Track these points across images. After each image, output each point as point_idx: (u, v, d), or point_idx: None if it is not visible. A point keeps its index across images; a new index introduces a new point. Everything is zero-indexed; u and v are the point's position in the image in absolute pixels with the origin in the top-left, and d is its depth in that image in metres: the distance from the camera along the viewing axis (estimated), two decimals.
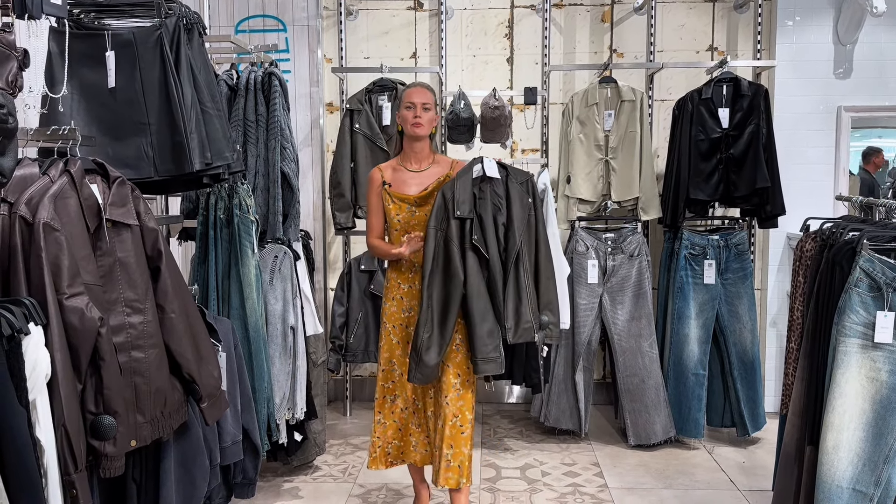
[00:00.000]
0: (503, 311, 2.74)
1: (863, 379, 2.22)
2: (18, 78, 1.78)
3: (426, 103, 2.89)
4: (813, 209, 3.32)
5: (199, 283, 3.11)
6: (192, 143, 2.49)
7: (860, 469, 2.22)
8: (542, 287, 2.82)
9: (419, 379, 2.76)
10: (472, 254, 2.74)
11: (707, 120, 4.03)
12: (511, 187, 2.79)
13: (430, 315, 2.74)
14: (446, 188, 2.77)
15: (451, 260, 2.73)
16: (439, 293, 2.75)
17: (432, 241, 2.75)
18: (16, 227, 1.78)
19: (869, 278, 2.20)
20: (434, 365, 2.74)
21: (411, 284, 2.93)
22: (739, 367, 4.06)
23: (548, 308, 2.82)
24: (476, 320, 2.73)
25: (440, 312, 2.75)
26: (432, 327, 2.74)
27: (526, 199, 2.79)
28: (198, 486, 2.29)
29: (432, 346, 2.73)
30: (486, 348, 2.74)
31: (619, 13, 4.73)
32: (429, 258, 2.76)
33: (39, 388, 1.70)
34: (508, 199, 2.78)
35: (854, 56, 4.42)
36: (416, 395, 2.98)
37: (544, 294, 2.82)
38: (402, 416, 3.00)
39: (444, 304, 2.75)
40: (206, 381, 2.20)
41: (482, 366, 2.75)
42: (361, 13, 4.79)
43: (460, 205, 2.73)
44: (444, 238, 2.75)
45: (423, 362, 2.72)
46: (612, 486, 3.57)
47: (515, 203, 2.77)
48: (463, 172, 2.81)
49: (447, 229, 2.74)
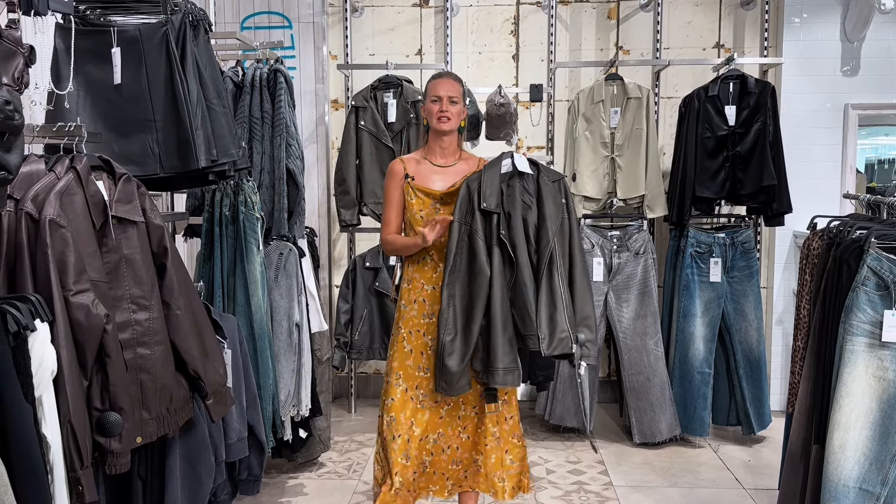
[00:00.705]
0: (535, 319, 2.47)
1: (870, 378, 2.21)
2: (25, 74, 1.78)
3: (453, 96, 2.64)
4: (819, 207, 3.32)
5: (204, 279, 3.11)
6: (198, 140, 2.49)
7: (867, 468, 2.21)
8: (579, 300, 2.55)
9: (443, 388, 2.51)
10: (499, 251, 2.51)
11: (713, 117, 4.02)
12: (543, 185, 2.56)
13: (451, 315, 2.52)
14: (471, 180, 2.57)
15: (477, 255, 2.51)
16: (463, 292, 2.53)
17: (455, 235, 2.54)
18: (22, 224, 1.78)
19: (876, 277, 2.19)
20: (457, 372, 2.49)
21: (436, 286, 2.63)
22: (745, 365, 4.05)
23: (585, 324, 2.54)
24: (498, 326, 2.48)
25: (464, 313, 2.52)
26: (455, 330, 2.51)
27: (559, 198, 2.56)
28: (203, 483, 2.29)
29: (455, 351, 2.49)
30: (507, 358, 2.49)
31: (625, 10, 4.72)
32: (451, 253, 2.54)
33: (45, 384, 1.70)
34: (540, 197, 2.55)
35: (861, 53, 4.40)
36: (413, 422, 2.64)
37: (581, 308, 2.55)
38: (395, 443, 2.61)
39: (469, 303, 2.52)
40: (212, 377, 2.20)
41: (502, 377, 2.49)
42: (367, 10, 4.78)
43: (487, 197, 2.51)
44: (469, 232, 2.53)
45: (446, 368, 2.49)
46: (616, 484, 3.57)
47: (548, 201, 2.54)
48: (490, 166, 2.59)
49: (472, 222, 2.53)
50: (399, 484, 2.57)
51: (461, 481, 2.70)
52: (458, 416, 2.66)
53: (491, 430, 2.66)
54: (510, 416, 2.71)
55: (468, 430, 2.66)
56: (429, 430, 2.65)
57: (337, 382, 4.82)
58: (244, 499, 3.28)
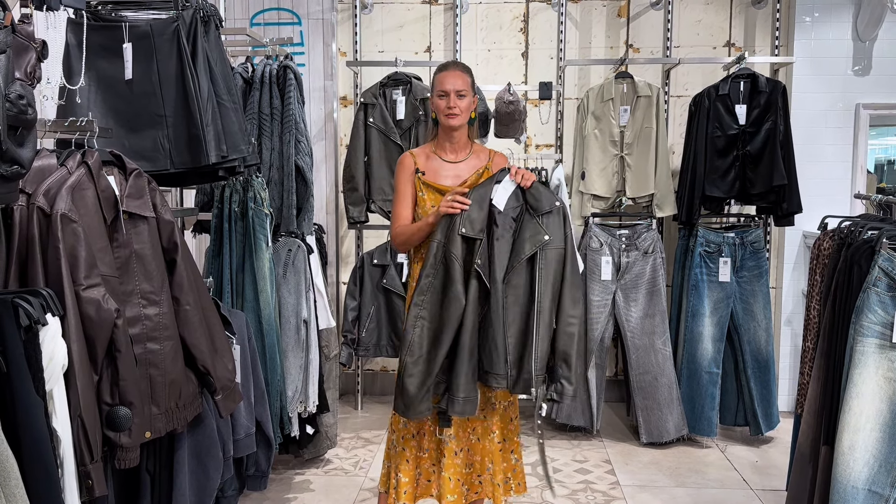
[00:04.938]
0: (504, 357, 2.37)
1: (880, 379, 2.19)
2: (37, 69, 1.79)
3: (461, 90, 2.54)
4: (830, 207, 3.30)
5: (213, 275, 3.12)
6: (208, 136, 2.50)
7: (876, 470, 2.20)
8: (562, 337, 2.40)
9: (401, 409, 2.43)
10: (475, 281, 2.36)
11: (724, 116, 4.00)
12: (525, 219, 2.39)
13: (417, 337, 2.39)
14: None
15: (454, 282, 2.36)
16: (433, 315, 2.39)
17: (432, 255, 2.41)
18: (34, 218, 1.79)
19: (888, 277, 2.17)
20: (415, 395, 2.39)
21: None
22: (753, 365, 4.03)
23: (564, 360, 2.40)
24: (465, 355, 2.36)
25: (431, 337, 2.39)
26: (420, 353, 2.39)
27: (541, 233, 2.37)
28: (211, 478, 2.30)
29: (415, 374, 2.39)
30: (469, 387, 2.38)
31: (635, 8, 4.70)
32: (427, 274, 2.41)
33: (56, 378, 1.70)
34: (518, 230, 2.40)
35: (873, 53, 4.37)
36: (424, 430, 2.62)
37: (564, 344, 2.39)
38: (412, 443, 2.65)
39: (437, 329, 2.38)
40: (221, 373, 2.21)
41: (462, 406, 2.39)
42: (376, 7, 4.78)
43: (468, 221, 2.36)
44: (448, 255, 2.38)
45: (405, 389, 2.39)
46: (623, 483, 3.56)
47: (525, 233, 2.38)
48: (483, 185, 2.44)
49: (450, 246, 2.37)
50: (405, 496, 2.59)
51: (476, 487, 2.67)
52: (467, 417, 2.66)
53: (499, 433, 2.66)
54: (516, 417, 2.72)
55: (477, 433, 2.65)
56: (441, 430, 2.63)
57: (344, 379, 4.83)
58: (251, 494, 3.29)
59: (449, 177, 2.63)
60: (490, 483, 2.65)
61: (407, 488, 2.61)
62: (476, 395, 2.42)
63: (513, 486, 2.72)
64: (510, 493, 2.71)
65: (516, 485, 2.72)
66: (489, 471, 2.64)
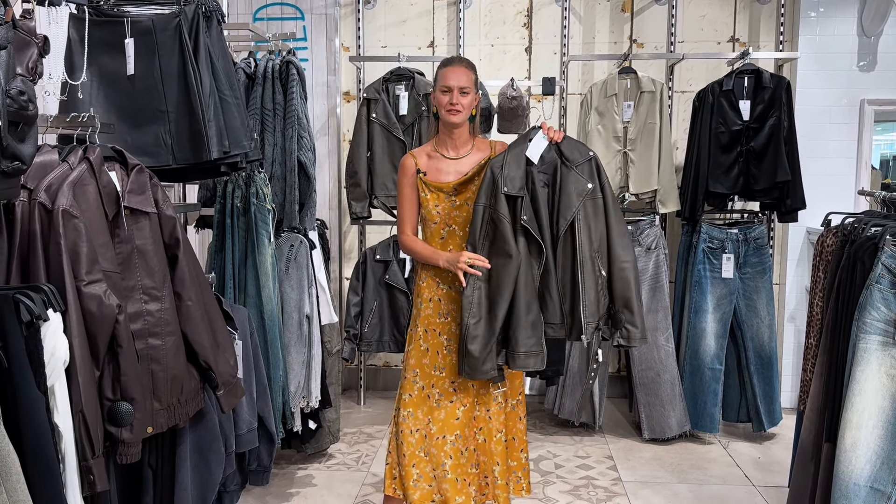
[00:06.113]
0: (559, 307, 2.47)
1: (883, 376, 2.19)
2: (38, 65, 1.79)
3: (464, 87, 2.54)
4: (834, 204, 3.28)
5: (215, 271, 3.12)
6: (210, 132, 2.49)
7: (878, 467, 2.19)
8: (618, 283, 2.49)
9: (467, 373, 2.48)
10: (522, 236, 2.47)
11: (728, 112, 3.98)
12: (563, 172, 2.49)
13: (476, 299, 2.46)
14: (495, 162, 2.50)
15: (506, 240, 2.44)
16: (488, 275, 2.48)
17: (479, 219, 2.49)
18: (35, 214, 1.79)
19: (891, 274, 2.17)
20: (480, 357, 2.44)
21: (451, 285, 2.60)
22: (756, 361, 4.03)
23: (625, 306, 2.50)
24: (521, 310, 2.45)
25: (489, 299, 2.47)
26: (480, 314, 2.47)
27: (583, 182, 2.47)
28: (213, 473, 2.31)
29: (479, 335, 2.45)
30: (529, 341, 2.45)
31: (639, 3, 4.68)
32: (475, 237, 2.49)
33: (58, 374, 1.71)
34: (555, 183, 2.50)
35: (878, 48, 4.35)
36: (431, 420, 2.63)
37: (621, 290, 2.49)
38: (412, 437, 2.62)
39: (494, 289, 2.47)
40: (223, 368, 2.21)
41: (524, 360, 2.45)
42: (379, 2, 4.77)
43: (509, 180, 2.45)
44: (495, 216, 2.47)
45: (469, 352, 2.45)
46: (625, 479, 3.56)
47: (568, 187, 2.48)
48: (516, 144, 2.52)
49: (497, 206, 2.46)
50: (416, 499, 2.58)
51: (483, 489, 2.67)
52: (472, 416, 2.65)
53: (507, 432, 2.66)
54: (524, 416, 2.72)
55: (483, 432, 2.64)
56: (446, 430, 2.61)
57: (346, 374, 4.83)
58: (253, 489, 3.30)
59: (451, 173, 2.62)
60: (495, 484, 2.65)
61: (414, 487, 2.59)
62: (541, 350, 2.47)
63: (523, 486, 2.72)
64: (521, 493, 2.71)
65: (525, 484, 2.72)
66: (495, 472, 2.64)
